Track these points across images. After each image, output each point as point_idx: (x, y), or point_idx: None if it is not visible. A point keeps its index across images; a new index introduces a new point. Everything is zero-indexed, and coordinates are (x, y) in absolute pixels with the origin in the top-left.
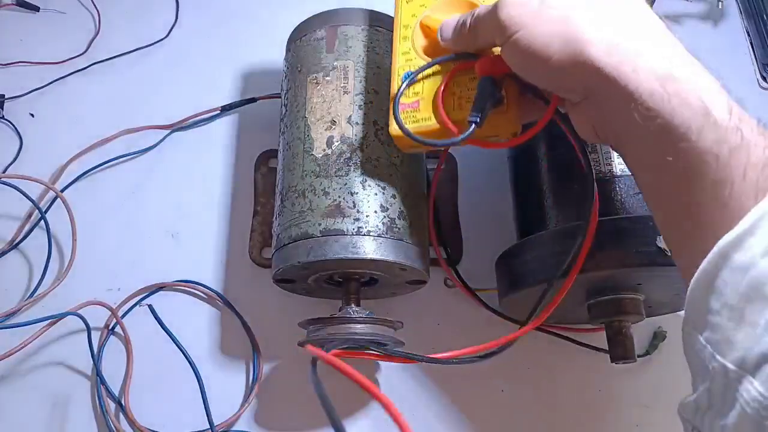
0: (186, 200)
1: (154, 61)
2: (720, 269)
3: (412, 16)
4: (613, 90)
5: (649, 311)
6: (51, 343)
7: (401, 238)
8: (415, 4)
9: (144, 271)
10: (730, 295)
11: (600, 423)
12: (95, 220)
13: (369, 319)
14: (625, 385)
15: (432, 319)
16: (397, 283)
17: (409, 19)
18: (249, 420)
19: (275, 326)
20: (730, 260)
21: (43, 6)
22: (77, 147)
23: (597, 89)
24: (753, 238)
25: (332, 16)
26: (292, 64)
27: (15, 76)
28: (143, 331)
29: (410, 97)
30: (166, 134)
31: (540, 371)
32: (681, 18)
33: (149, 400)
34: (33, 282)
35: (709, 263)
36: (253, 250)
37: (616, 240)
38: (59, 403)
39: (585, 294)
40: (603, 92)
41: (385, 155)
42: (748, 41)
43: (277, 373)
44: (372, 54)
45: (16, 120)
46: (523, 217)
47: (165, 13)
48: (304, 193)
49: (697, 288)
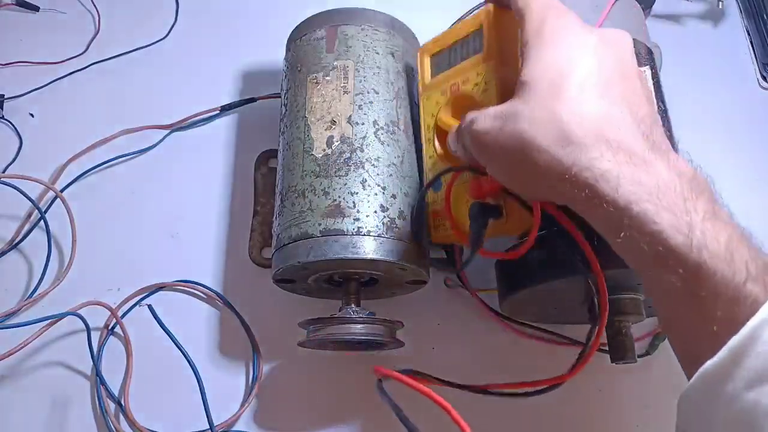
0: (186, 200)
1: (154, 61)
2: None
3: (432, 116)
4: (580, 211)
5: (649, 311)
6: (51, 343)
7: (401, 238)
8: (431, 102)
9: (144, 271)
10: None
11: (600, 423)
12: (95, 220)
13: (369, 319)
14: (625, 385)
15: (432, 319)
16: (397, 283)
17: (430, 119)
18: (249, 420)
19: (275, 326)
20: (715, 391)
21: (43, 6)
22: (77, 147)
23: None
24: (735, 369)
25: (332, 16)
26: (292, 64)
27: (15, 76)
28: (143, 331)
29: (439, 204)
30: (165, 134)
31: (540, 371)
32: (681, 18)
33: (149, 401)
34: (33, 282)
35: (693, 388)
36: (253, 250)
37: None
38: (59, 403)
39: (585, 294)
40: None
41: (385, 155)
42: (748, 41)
43: (277, 373)
44: (372, 54)
45: (16, 120)
46: None
47: (165, 13)
48: (304, 193)
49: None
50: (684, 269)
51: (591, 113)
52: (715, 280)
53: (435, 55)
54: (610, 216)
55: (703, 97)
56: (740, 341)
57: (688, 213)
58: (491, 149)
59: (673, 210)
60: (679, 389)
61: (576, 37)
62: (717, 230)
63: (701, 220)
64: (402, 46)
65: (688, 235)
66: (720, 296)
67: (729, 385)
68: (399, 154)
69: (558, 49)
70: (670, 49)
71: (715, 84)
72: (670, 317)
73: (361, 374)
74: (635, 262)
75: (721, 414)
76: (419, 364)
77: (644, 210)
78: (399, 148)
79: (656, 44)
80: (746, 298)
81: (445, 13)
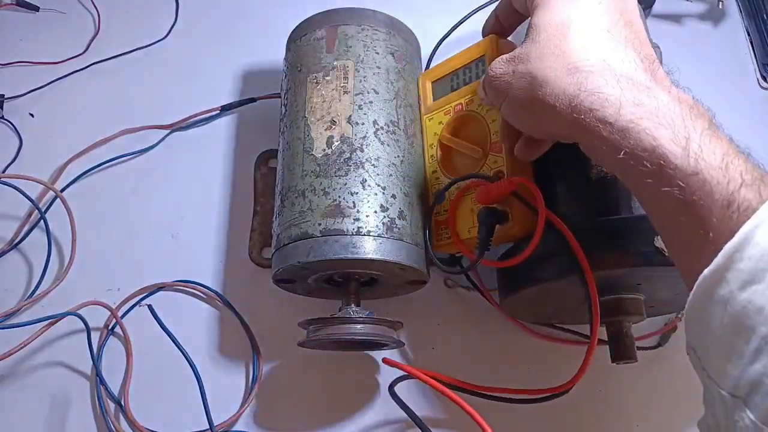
0: (186, 200)
1: (154, 61)
2: (705, 304)
3: (435, 135)
4: (583, 139)
5: (651, 311)
6: (51, 343)
7: (401, 238)
8: (435, 122)
9: (144, 271)
10: (716, 327)
11: (600, 423)
12: (95, 220)
13: (369, 319)
14: (625, 384)
15: (432, 319)
16: (397, 283)
17: (433, 138)
18: (249, 420)
19: (275, 326)
20: (712, 295)
21: (43, 6)
22: (77, 147)
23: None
24: (729, 272)
25: (332, 16)
26: (292, 64)
27: (15, 76)
28: (143, 331)
29: (442, 215)
30: (165, 134)
31: (540, 371)
32: (681, 18)
33: (149, 401)
34: (33, 282)
35: (695, 297)
36: (253, 250)
37: (615, 240)
38: (59, 403)
39: (585, 294)
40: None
41: (385, 155)
42: (748, 41)
43: (277, 373)
44: (372, 54)
45: (16, 120)
46: None
47: (165, 13)
48: (304, 193)
49: (689, 319)
50: (681, 179)
51: (597, 46)
52: (710, 188)
53: (437, 81)
54: (611, 137)
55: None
56: (733, 245)
57: (686, 129)
58: (505, 90)
59: (671, 127)
60: (679, 389)
61: None
62: (713, 144)
63: (699, 135)
64: (402, 46)
65: (685, 148)
66: (715, 203)
67: (724, 288)
68: (399, 154)
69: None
70: (670, 49)
71: (715, 84)
72: (671, 231)
73: (361, 374)
74: (635, 178)
75: (719, 317)
76: (419, 364)
77: (644, 127)
78: (399, 148)
79: (656, 44)
80: (740, 205)
81: (445, 13)
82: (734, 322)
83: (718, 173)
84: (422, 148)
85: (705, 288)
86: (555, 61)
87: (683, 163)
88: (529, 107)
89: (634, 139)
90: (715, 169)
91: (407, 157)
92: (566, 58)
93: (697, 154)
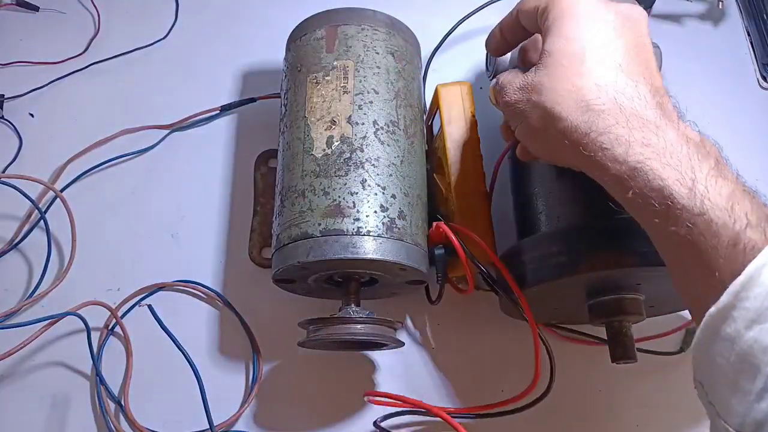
0: (186, 200)
1: (154, 61)
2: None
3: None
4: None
5: (651, 311)
6: (51, 343)
7: (401, 238)
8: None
9: (144, 271)
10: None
11: (600, 423)
12: (95, 220)
13: (369, 319)
14: (625, 384)
15: (432, 319)
16: (397, 283)
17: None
18: (249, 420)
19: (275, 326)
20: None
21: (43, 6)
22: (77, 147)
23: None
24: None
25: (332, 16)
26: (292, 64)
27: (15, 76)
28: (143, 331)
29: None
30: (165, 134)
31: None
32: (681, 18)
33: (149, 401)
34: (33, 282)
35: (702, 334)
36: (253, 250)
37: (615, 240)
38: (59, 403)
39: (585, 294)
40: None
41: (385, 155)
42: (748, 41)
43: (277, 374)
44: (372, 54)
45: (16, 120)
46: (523, 217)
47: (165, 13)
48: (304, 193)
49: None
50: (688, 220)
51: (608, 84)
52: (716, 228)
53: None
54: (620, 175)
55: (703, 97)
56: (739, 284)
57: (692, 170)
58: (518, 118)
59: (678, 168)
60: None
61: (595, 11)
62: (720, 185)
63: (705, 176)
64: (402, 46)
65: (692, 188)
66: (721, 243)
67: (731, 326)
68: (399, 154)
69: (578, 23)
70: (670, 49)
71: (715, 84)
72: (679, 268)
73: (361, 374)
74: (643, 217)
75: (726, 355)
76: (419, 364)
77: (652, 167)
78: (399, 148)
79: (656, 44)
80: (746, 245)
81: (445, 13)
82: (740, 361)
83: (723, 214)
84: (422, 148)
85: (712, 325)
86: (568, 96)
87: (690, 203)
88: (543, 138)
89: (642, 179)
90: (721, 209)
91: (407, 157)
92: (579, 94)
93: (703, 194)
